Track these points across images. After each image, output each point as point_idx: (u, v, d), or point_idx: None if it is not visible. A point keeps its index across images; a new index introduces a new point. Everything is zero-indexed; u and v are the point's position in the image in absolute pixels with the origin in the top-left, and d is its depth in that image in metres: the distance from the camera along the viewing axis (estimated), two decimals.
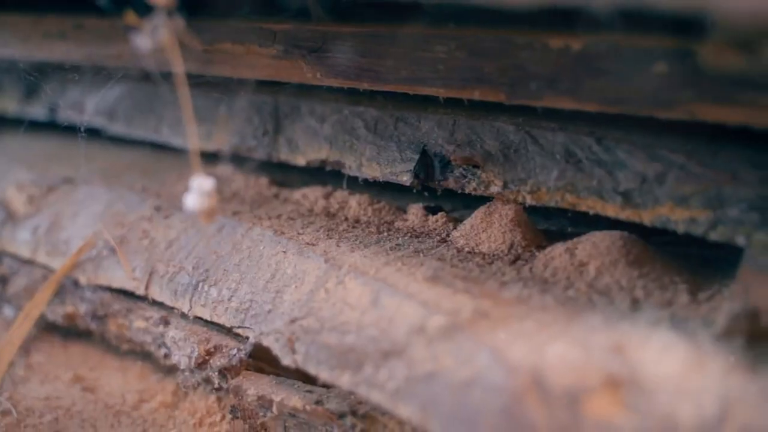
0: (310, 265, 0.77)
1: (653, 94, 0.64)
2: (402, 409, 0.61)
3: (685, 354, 0.54)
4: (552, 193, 0.75)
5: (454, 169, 0.81)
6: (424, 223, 0.85)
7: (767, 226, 0.65)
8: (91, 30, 0.99)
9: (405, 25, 0.75)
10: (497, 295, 0.66)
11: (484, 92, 0.73)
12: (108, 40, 0.97)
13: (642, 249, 0.72)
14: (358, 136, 0.88)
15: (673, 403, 0.50)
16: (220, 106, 1.00)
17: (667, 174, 0.68)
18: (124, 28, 0.64)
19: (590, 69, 0.67)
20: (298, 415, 0.75)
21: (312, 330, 0.71)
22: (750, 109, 0.60)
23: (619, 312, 0.63)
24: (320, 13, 0.73)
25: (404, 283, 0.69)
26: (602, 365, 0.53)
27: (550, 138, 0.75)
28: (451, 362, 0.59)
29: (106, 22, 0.96)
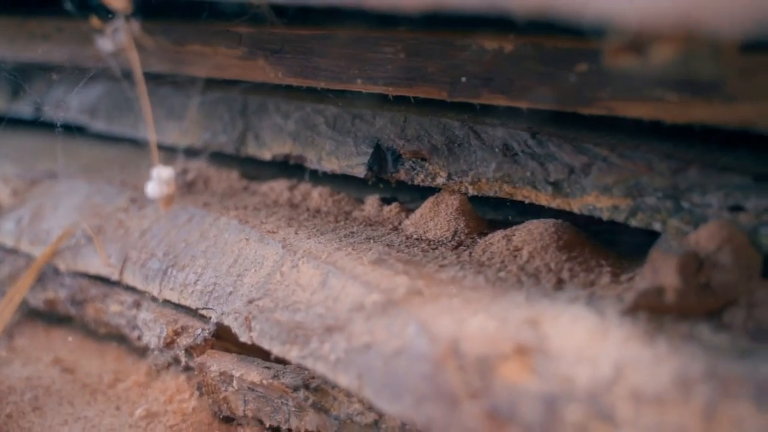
0: (269, 250, 0.83)
1: (575, 92, 0.70)
2: (341, 378, 0.67)
3: (591, 326, 0.60)
4: (491, 183, 0.81)
5: (405, 162, 0.87)
6: (379, 212, 0.91)
7: (680, 212, 0.71)
8: (72, 32, 1.05)
9: (356, 28, 0.81)
10: (434, 276, 0.72)
11: (428, 90, 0.79)
12: (87, 41, 1.03)
13: (573, 235, 0.78)
14: (319, 132, 0.94)
15: (573, 367, 0.56)
16: (193, 103, 1.06)
17: (592, 165, 0.74)
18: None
19: (520, 69, 0.73)
20: (257, 389, 0.81)
21: (267, 309, 0.77)
22: (658, 105, 0.66)
23: (543, 291, 0.69)
24: (274, 17, 0.78)
25: (351, 266, 0.75)
26: (515, 336, 0.59)
27: (491, 133, 0.81)
28: (384, 335, 0.65)
29: (86, 24, 1.02)
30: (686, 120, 0.66)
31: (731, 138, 0.71)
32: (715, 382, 0.54)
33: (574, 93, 0.70)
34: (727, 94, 0.63)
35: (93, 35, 0.66)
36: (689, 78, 0.62)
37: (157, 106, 1.08)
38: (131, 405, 0.92)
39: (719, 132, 0.70)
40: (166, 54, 0.97)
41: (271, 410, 0.81)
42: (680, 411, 0.53)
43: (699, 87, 0.64)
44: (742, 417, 0.52)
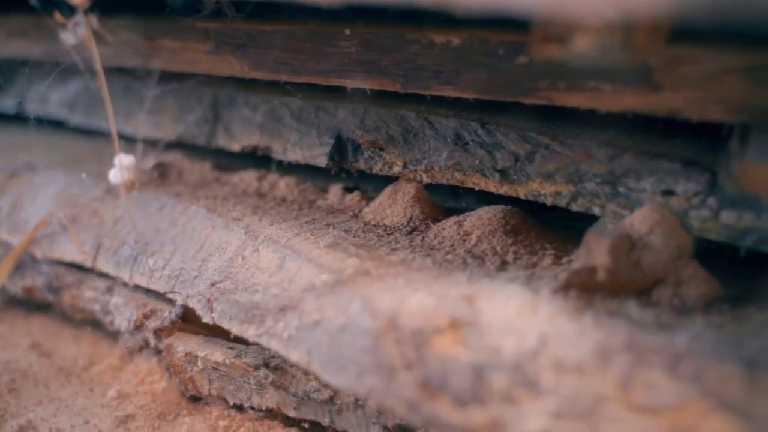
0: (232, 236, 0.86)
1: (517, 83, 0.74)
2: (292, 354, 0.71)
3: (522, 302, 0.63)
4: (443, 171, 0.84)
5: (364, 152, 0.90)
6: (341, 201, 0.95)
7: (617, 197, 0.74)
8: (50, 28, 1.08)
9: (314, 22, 0.84)
10: (384, 258, 0.76)
11: (382, 83, 0.83)
12: None
13: (520, 220, 0.82)
14: (285, 124, 0.97)
15: (501, 339, 0.60)
16: (167, 97, 1.09)
17: (536, 153, 0.78)
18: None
19: (467, 61, 0.76)
20: (220, 369, 0.85)
21: (227, 291, 0.80)
22: (593, 95, 0.70)
23: (486, 272, 0.73)
24: (234, 13, 0.82)
25: (307, 250, 0.78)
26: (450, 311, 0.63)
27: (444, 123, 0.85)
28: (332, 312, 0.69)
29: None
30: (619, 108, 0.70)
31: (674, 126, 0.74)
32: (632, 352, 0.58)
33: (516, 84, 0.74)
34: (654, 83, 0.67)
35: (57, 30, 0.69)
36: (609, 67, 0.66)
37: (133, 99, 1.11)
38: (104, 386, 0.96)
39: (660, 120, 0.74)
40: (138, 49, 1.00)
41: (234, 389, 0.85)
42: (599, 379, 0.57)
43: (629, 77, 0.68)
44: (654, 384, 0.56)
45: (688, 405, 0.55)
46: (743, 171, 0.59)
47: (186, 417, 0.89)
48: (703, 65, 0.64)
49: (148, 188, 1.05)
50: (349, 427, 0.79)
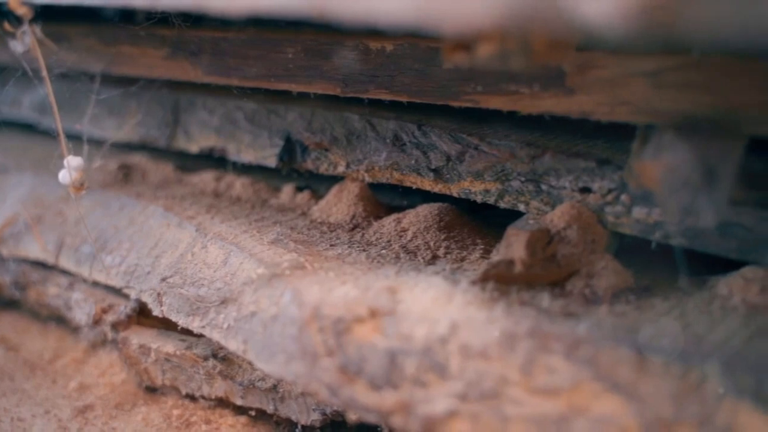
0: (184, 234, 0.91)
1: (445, 87, 0.78)
2: (231, 344, 0.75)
3: (440, 293, 0.68)
4: (383, 171, 0.89)
5: (311, 152, 0.95)
6: (292, 200, 0.99)
7: (540, 194, 0.78)
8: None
9: (262, 29, 0.89)
10: (322, 253, 0.80)
11: (324, 87, 0.87)
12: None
13: (455, 217, 0.86)
14: (239, 126, 1.02)
15: (414, 326, 0.64)
16: (130, 101, 1.14)
17: (466, 153, 0.82)
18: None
19: (399, 66, 0.80)
20: (172, 360, 0.89)
21: (176, 285, 0.84)
22: (513, 98, 0.74)
23: (416, 265, 0.77)
24: (180, 22, 0.86)
25: (251, 246, 0.83)
26: (371, 302, 0.67)
27: (385, 125, 0.89)
28: (266, 303, 0.73)
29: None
30: (537, 111, 0.74)
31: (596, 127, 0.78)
32: (536, 339, 0.62)
33: (444, 88, 0.78)
34: (567, 87, 0.71)
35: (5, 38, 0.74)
36: (525, 72, 0.70)
37: (99, 103, 1.15)
38: (67, 379, 1.00)
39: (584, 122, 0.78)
40: (100, 55, 1.05)
41: (185, 379, 0.89)
42: (503, 363, 0.61)
43: (545, 81, 0.72)
44: (554, 368, 0.60)
45: (582, 386, 0.59)
46: (639, 168, 0.63)
47: (142, 407, 0.93)
48: (609, 70, 0.68)
49: (112, 188, 1.10)
50: (291, 414, 0.83)
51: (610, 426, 0.58)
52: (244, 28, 0.89)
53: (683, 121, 0.65)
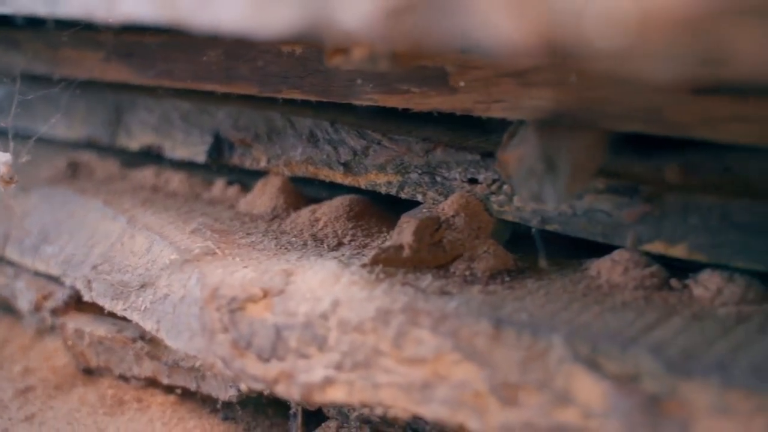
0: (117, 225, 0.97)
1: (348, 87, 0.84)
2: (147, 324, 0.81)
3: (329, 275, 0.74)
4: (299, 165, 0.95)
5: (237, 149, 1.01)
6: (223, 193, 1.06)
7: (435, 185, 0.85)
8: None
9: (185, 35, 0.95)
10: (237, 241, 0.87)
11: (244, 87, 0.93)
12: None
13: (365, 207, 0.92)
14: (175, 125, 1.08)
15: (300, 304, 0.70)
16: (78, 101, 1.20)
17: (370, 148, 0.89)
18: None
19: (307, 68, 0.87)
20: (104, 342, 0.95)
21: (104, 272, 0.91)
22: (406, 97, 0.81)
23: (319, 251, 0.83)
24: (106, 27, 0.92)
25: (173, 235, 0.89)
26: (266, 283, 0.74)
27: (303, 123, 0.95)
28: (177, 286, 0.79)
29: None
30: (427, 108, 0.81)
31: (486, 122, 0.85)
32: (408, 314, 0.68)
33: (347, 87, 0.84)
34: (451, 86, 0.77)
35: None
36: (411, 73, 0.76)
37: (49, 103, 1.22)
38: (13, 363, 1.06)
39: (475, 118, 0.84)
40: (46, 58, 1.11)
41: (117, 360, 0.96)
42: (377, 336, 0.68)
43: (432, 81, 0.78)
44: (421, 340, 0.67)
45: (444, 356, 0.66)
46: (502, 159, 0.69)
47: (80, 387, 1.00)
48: (484, 71, 0.75)
49: (60, 185, 1.16)
50: (212, 391, 0.89)
51: (466, 390, 0.64)
52: (166, 32, 0.96)
53: (546, 116, 0.71)
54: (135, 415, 0.94)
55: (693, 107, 0.63)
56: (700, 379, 0.57)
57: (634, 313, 0.67)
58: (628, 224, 0.74)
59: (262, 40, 0.47)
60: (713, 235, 0.70)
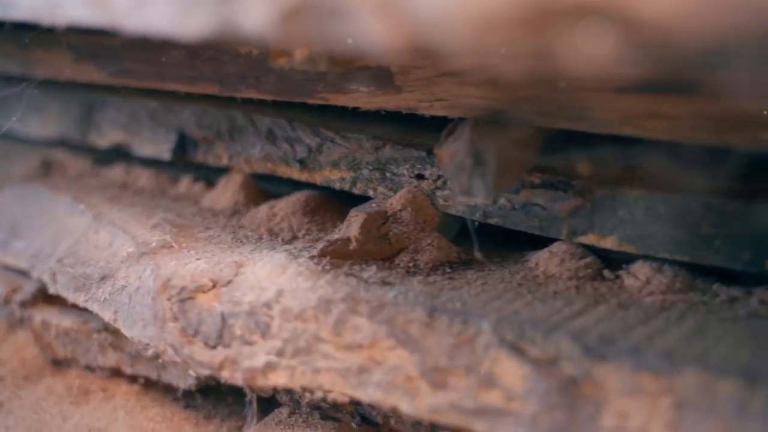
0: (84, 220, 1.00)
1: (300, 86, 0.88)
2: (105, 315, 0.85)
3: (277, 266, 0.77)
4: (258, 162, 0.98)
5: (201, 147, 1.04)
6: (189, 190, 1.09)
7: (385, 181, 0.88)
8: None
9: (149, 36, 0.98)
10: (195, 235, 0.90)
11: (205, 87, 0.97)
12: None
13: (321, 203, 0.95)
14: (142, 124, 1.11)
15: (246, 293, 0.74)
16: (52, 101, 1.23)
17: (323, 145, 0.92)
18: None
19: (263, 68, 0.90)
20: (70, 334, 0.99)
21: (68, 265, 0.94)
22: (354, 96, 0.84)
23: (273, 244, 0.86)
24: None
25: (134, 229, 0.92)
26: (216, 273, 0.77)
27: (262, 121, 0.99)
28: (134, 277, 0.82)
29: None
30: (375, 106, 0.84)
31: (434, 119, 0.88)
32: (348, 303, 0.72)
33: (299, 87, 0.88)
34: (396, 86, 0.81)
35: None
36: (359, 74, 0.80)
37: (24, 103, 1.25)
38: None
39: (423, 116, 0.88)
40: (19, 59, 1.14)
41: (83, 351, 0.99)
42: (318, 324, 0.71)
43: (378, 81, 0.82)
44: (359, 327, 0.70)
45: (379, 342, 0.69)
46: (438, 154, 0.73)
47: (48, 378, 1.03)
48: (425, 70, 0.78)
49: (33, 182, 1.19)
50: (172, 380, 0.93)
51: (398, 374, 0.67)
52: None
53: (483, 114, 0.74)
54: (100, 404, 0.97)
55: (614, 105, 0.67)
56: (614, 362, 0.61)
57: (563, 302, 0.71)
58: (563, 217, 0.77)
59: (184, 42, 0.50)
60: (640, 227, 0.73)
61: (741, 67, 0.28)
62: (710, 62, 0.28)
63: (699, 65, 0.29)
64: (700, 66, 0.29)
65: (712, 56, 0.28)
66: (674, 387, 0.58)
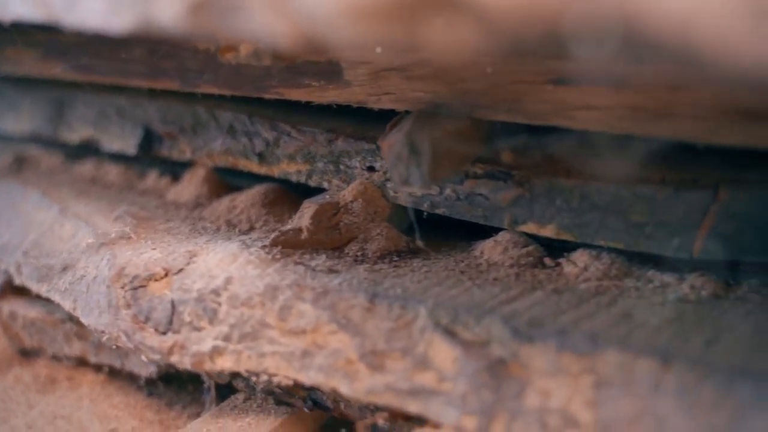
0: (50, 213, 1.02)
1: (256, 81, 0.90)
2: (65, 304, 0.87)
3: (228, 255, 0.80)
4: (220, 156, 1.01)
5: (165, 142, 1.07)
6: (156, 184, 1.11)
7: (339, 173, 0.91)
8: None
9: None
10: (156, 227, 0.92)
11: (166, 83, 0.99)
12: None
13: (279, 195, 0.98)
14: (111, 120, 1.14)
15: (196, 281, 0.76)
16: (25, 98, 1.26)
17: (280, 139, 0.94)
18: None
19: (221, 64, 0.92)
20: (37, 324, 1.01)
21: (33, 257, 0.96)
22: (308, 90, 0.86)
23: (229, 235, 0.89)
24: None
25: (97, 221, 0.95)
26: (169, 262, 0.79)
27: (224, 116, 1.01)
28: (92, 267, 0.85)
29: None
30: (327, 100, 0.86)
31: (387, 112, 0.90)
32: (294, 290, 0.74)
33: (255, 82, 0.90)
34: (345, 80, 0.83)
35: None
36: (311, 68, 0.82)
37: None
38: None
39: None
40: None
41: (49, 341, 1.01)
42: (264, 310, 0.73)
43: (328, 75, 0.84)
44: (303, 312, 0.72)
45: (322, 327, 0.71)
46: (380, 145, 0.75)
47: (17, 368, 1.06)
48: (373, 65, 0.80)
49: (6, 177, 1.22)
50: (134, 368, 0.95)
51: (339, 357, 0.70)
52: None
53: (427, 107, 0.77)
54: (66, 393, 1.00)
55: (546, 97, 0.69)
56: (540, 344, 0.63)
57: (500, 288, 0.73)
58: (505, 207, 0.79)
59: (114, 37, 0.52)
60: (576, 215, 0.75)
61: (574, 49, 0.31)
62: (546, 47, 0.31)
63: (538, 50, 0.31)
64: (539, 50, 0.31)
65: (547, 41, 0.30)
66: (595, 367, 0.61)
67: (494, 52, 0.32)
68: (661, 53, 0.29)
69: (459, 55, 0.33)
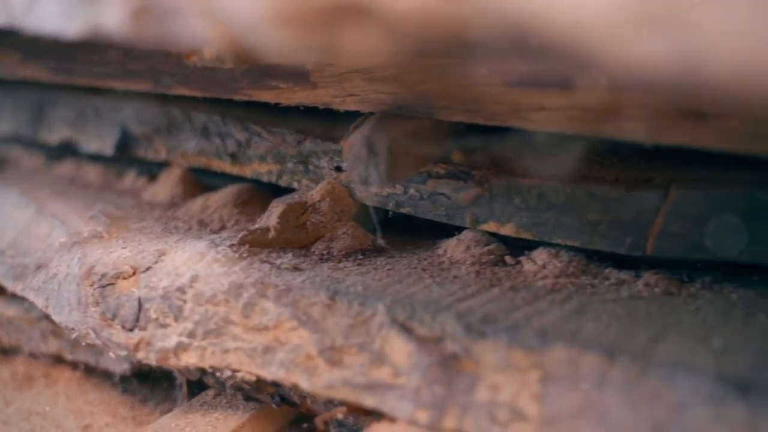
0: (27, 213, 1.04)
1: (226, 83, 0.92)
2: (38, 302, 0.89)
3: (195, 254, 0.81)
4: (194, 156, 1.02)
5: (141, 142, 1.08)
6: (133, 184, 1.13)
7: (308, 173, 0.92)
8: None
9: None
10: (129, 226, 0.94)
11: (140, 84, 1.01)
12: None
13: (252, 195, 0.99)
14: (89, 121, 1.15)
15: (162, 279, 0.78)
16: (7, 99, 1.27)
17: (251, 140, 0.96)
18: None
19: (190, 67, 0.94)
20: (14, 322, 1.03)
21: (9, 256, 0.98)
22: (276, 92, 0.88)
23: (200, 234, 0.90)
24: None
25: (72, 221, 0.96)
26: (138, 261, 0.81)
27: (199, 117, 1.03)
28: (63, 266, 0.87)
29: None
30: (295, 102, 0.88)
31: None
32: (258, 287, 0.76)
33: (225, 84, 0.92)
34: (311, 82, 0.85)
35: None
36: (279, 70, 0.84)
37: None
38: None
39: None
40: None
41: (26, 339, 1.03)
42: (228, 307, 0.75)
43: (296, 77, 0.86)
44: (266, 309, 0.74)
45: (283, 324, 0.73)
46: (342, 146, 0.77)
47: None
48: (337, 67, 0.82)
49: None
50: (109, 365, 0.97)
51: (299, 353, 0.71)
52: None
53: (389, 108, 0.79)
54: (42, 390, 1.01)
55: (501, 98, 0.71)
56: (492, 339, 0.65)
57: (459, 285, 0.75)
58: (466, 206, 0.81)
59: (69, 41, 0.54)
60: (534, 214, 0.77)
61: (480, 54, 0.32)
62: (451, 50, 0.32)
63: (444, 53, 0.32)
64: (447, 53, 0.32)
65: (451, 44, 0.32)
66: (543, 362, 0.62)
67: (402, 54, 0.34)
68: (555, 55, 0.30)
69: (371, 57, 0.35)
